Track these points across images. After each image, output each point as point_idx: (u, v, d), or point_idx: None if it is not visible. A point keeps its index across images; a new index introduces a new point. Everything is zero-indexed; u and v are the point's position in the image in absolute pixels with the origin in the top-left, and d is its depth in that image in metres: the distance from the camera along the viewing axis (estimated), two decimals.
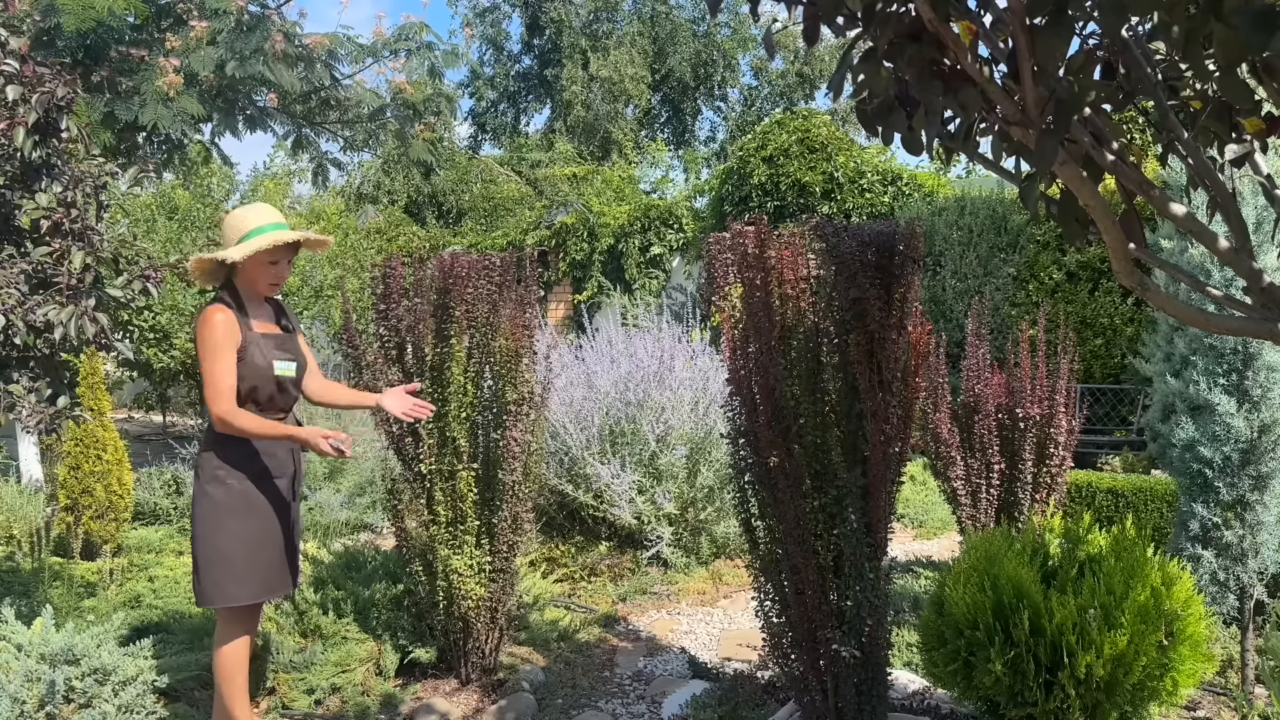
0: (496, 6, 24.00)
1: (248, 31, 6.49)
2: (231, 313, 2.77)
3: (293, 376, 2.89)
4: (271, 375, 2.81)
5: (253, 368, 2.77)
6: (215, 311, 2.75)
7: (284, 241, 2.79)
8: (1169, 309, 1.74)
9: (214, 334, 2.71)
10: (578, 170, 16.85)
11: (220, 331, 2.71)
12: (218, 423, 2.71)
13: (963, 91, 1.47)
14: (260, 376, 2.78)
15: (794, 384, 2.72)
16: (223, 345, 2.71)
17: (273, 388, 2.82)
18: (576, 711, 3.41)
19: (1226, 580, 3.81)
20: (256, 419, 2.73)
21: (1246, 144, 1.71)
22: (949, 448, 4.23)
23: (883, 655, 2.81)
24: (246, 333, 2.78)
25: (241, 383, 2.75)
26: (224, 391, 2.70)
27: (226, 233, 2.85)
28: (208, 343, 2.71)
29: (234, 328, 2.75)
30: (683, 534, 5.43)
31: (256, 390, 2.79)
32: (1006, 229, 9.34)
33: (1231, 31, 1.15)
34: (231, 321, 2.75)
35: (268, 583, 2.87)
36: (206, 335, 2.72)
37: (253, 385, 2.77)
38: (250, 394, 2.78)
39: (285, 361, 2.85)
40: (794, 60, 22.61)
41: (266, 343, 2.82)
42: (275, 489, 2.86)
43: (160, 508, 6.23)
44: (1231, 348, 3.83)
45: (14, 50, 3.31)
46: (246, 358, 2.76)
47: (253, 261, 2.79)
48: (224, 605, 2.82)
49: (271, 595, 2.96)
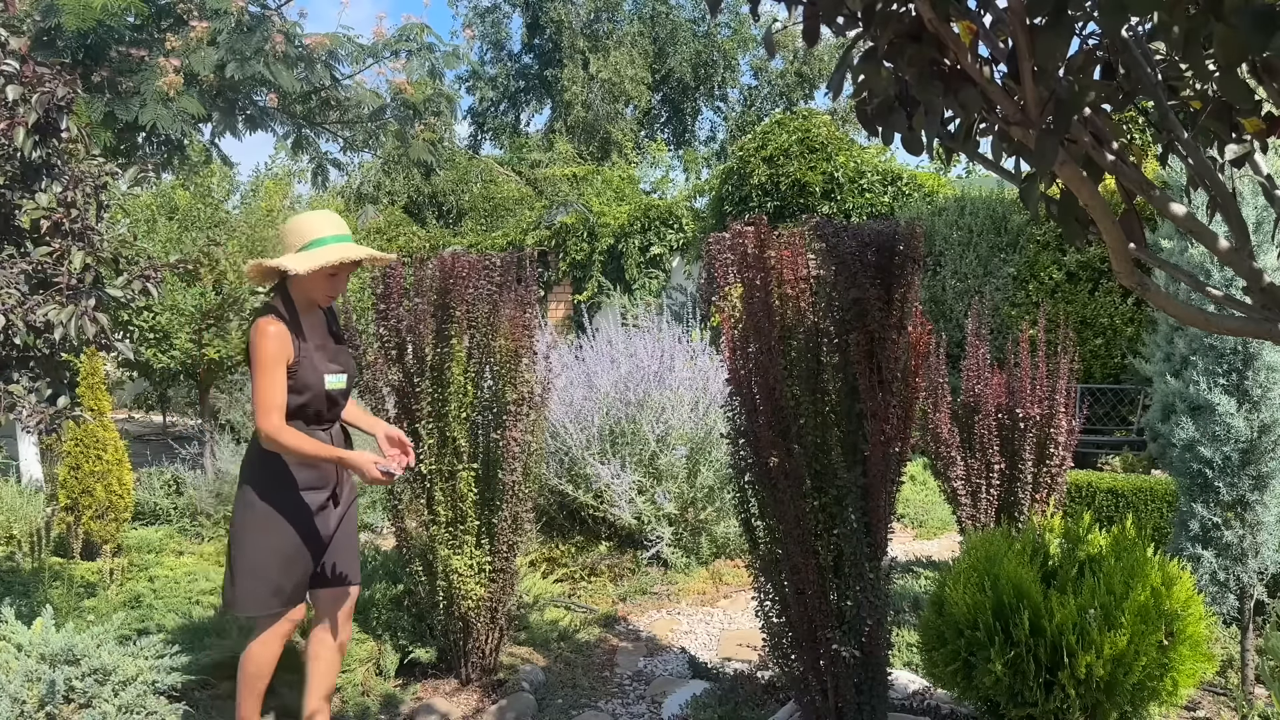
0: (497, 6, 24.01)
1: (248, 32, 6.49)
2: (284, 325, 2.69)
3: (343, 389, 2.84)
4: (323, 389, 2.75)
5: (305, 381, 2.71)
6: (269, 324, 2.67)
7: (350, 259, 2.73)
8: (1169, 309, 1.74)
9: (267, 348, 2.64)
10: (578, 170, 16.86)
11: (273, 345, 2.65)
12: (264, 439, 2.66)
13: (963, 91, 1.47)
14: (312, 390, 2.73)
15: (794, 384, 2.72)
16: (275, 360, 2.64)
17: (323, 402, 2.77)
18: (576, 711, 3.41)
19: (1226, 580, 3.81)
20: (304, 439, 2.67)
21: (1246, 144, 1.72)
22: (949, 448, 4.23)
23: (883, 655, 2.81)
24: (300, 344, 2.72)
25: (293, 396, 2.69)
26: (273, 407, 2.64)
27: (288, 238, 2.78)
28: (260, 357, 2.65)
29: (286, 341, 2.68)
30: (683, 534, 5.43)
31: (307, 404, 2.73)
32: (1006, 229, 9.34)
33: (1231, 31, 1.15)
34: (284, 334, 2.68)
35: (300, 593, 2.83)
36: (259, 349, 2.65)
37: (304, 399, 2.72)
38: (300, 408, 2.72)
39: (336, 374, 2.80)
40: (794, 60, 22.60)
41: (319, 355, 2.77)
42: (318, 500, 2.81)
43: (160, 508, 6.23)
44: (1231, 348, 3.83)
45: (14, 50, 3.31)
46: (299, 371, 2.70)
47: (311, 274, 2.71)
48: (255, 614, 2.79)
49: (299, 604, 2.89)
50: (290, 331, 2.70)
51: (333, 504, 2.87)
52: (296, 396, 2.70)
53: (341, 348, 2.90)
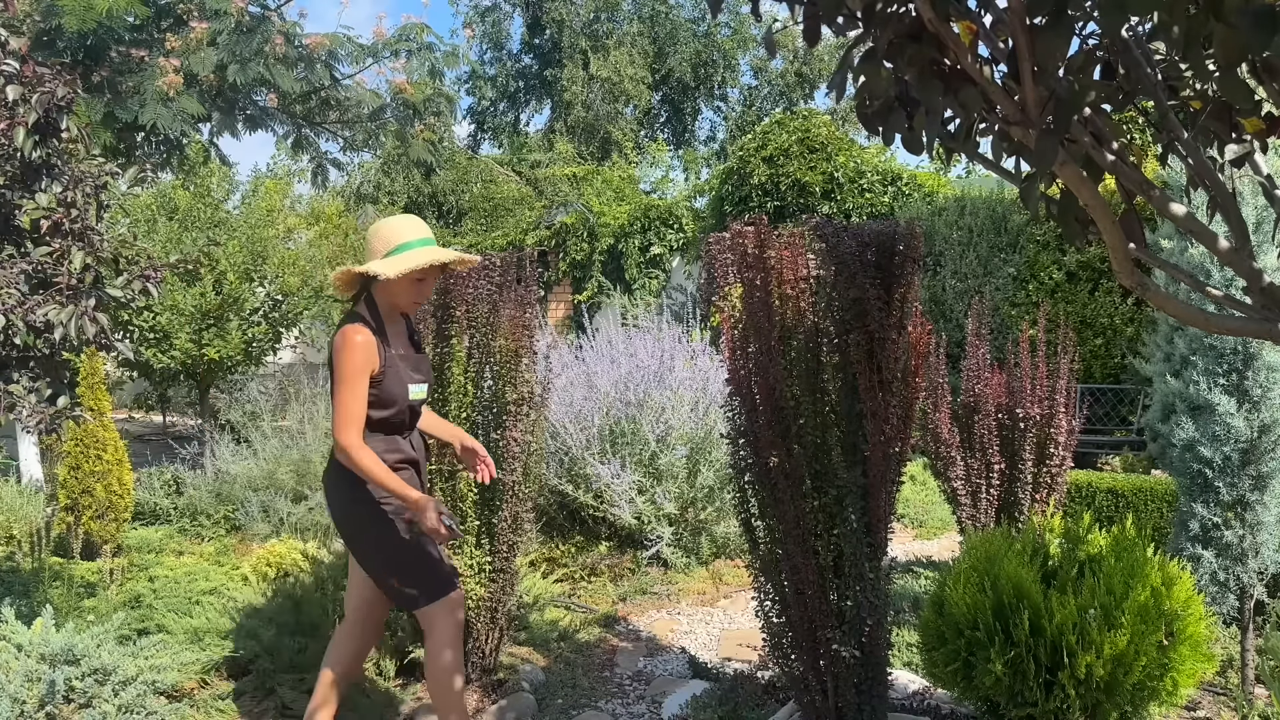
0: (497, 6, 23.99)
1: (248, 33, 6.49)
2: (371, 334, 2.62)
3: (424, 399, 2.80)
4: (408, 401, 2.70)
5: (391, 393, 2.64)
6: (355, 333, 2.59)
7: (440, 262, 2.67)
8: (1169, 309, 1.74)
9: (353, 359, 2.57)
10: (578, 170, 16.86)
11: (360, 356, 2.57)
12: (339, 451, 2.58)
13: (963, 91, 1.47)
14: (398, 403, 2.67)
15: (794, 384, 2.72)
16: (360, 371, 2.57)
17: (407, 413, 2.71)
18: (577, 711, 3.41)
19: (1226, 580, 3.81)
20: (379, 465, 2.57)
21: (1246, 144, 1.72)
22: (949, 448, 4.23)
23: (883, 655, 2.81)
24: (386, 353, 2.64)
25: (378, 409, 2.63)
26: (352, 420, 2.57)
27: (374, 243, 2.70)
28: (345, 368, 2.57)
29: (373, 350, 2.61)
30: (683, 534, 5.43)
31: (391, 417, 2.67)
32: (1006, 229, 9.34)
33: (1231, 31, 1.16)
34: (371, 344, 2.61)
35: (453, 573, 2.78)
36: (345, 359, 2.58)
37: (389, 412, 2.66)
38: (383, 420, 2.66)
39: (419, 384, 2.75)
40: (794, 60, 22.60)
41: (404, 365, 2.71)
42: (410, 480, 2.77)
43: (160, 508, 6.23)
44: (1231, 348, 3.83)
45: (14, 50, 3.31)
46: (385, 381, 2.63)
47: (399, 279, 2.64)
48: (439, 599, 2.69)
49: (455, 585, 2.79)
50: (377, 340, 2.63)
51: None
52: (382, 409, 2.64)
53: (422, 356, 2.84)
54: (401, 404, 2.68)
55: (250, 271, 8.54)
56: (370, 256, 2.70)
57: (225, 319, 8.20)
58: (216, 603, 4.03)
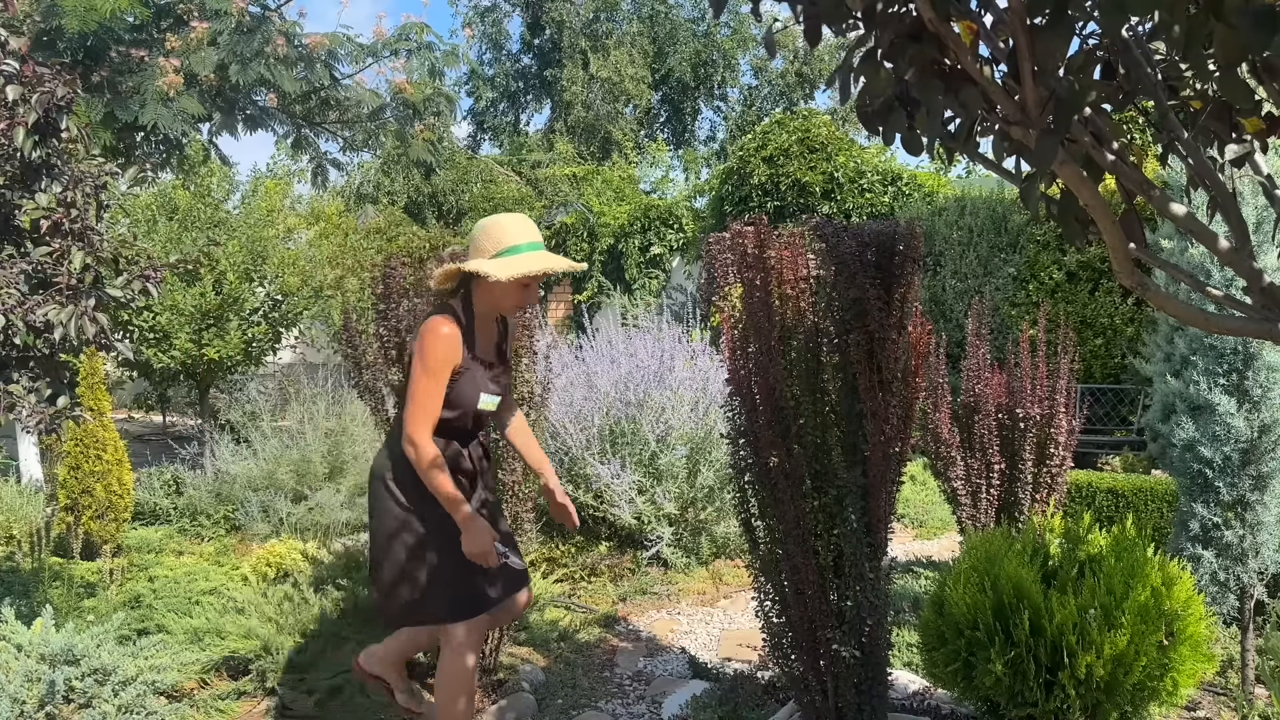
0: (497, 6, 23.98)
1: (248, 33, 6.49)
2: (458, 330, 2.54)
3: (493, 410, 2.72)
4: (476, 408, 2.63)
5: (460, 396, 2.58)
6: (443, 323, 2.52)
7: (555, 270, 2.57)
8: (1169, 309, 1.74)
9: (436, 350, 2.50)
10: (578, 170, 16.86)
11: (443, 349, 2.50)
12: (407, 442, 2.51)
13: (963, 91, 1.47)
14: (464, 407, 2.60)
15: (794, 384, 2.72)
16: (442, 364, 2.51)
17: (470, 419, 2.65)
18: (577, 711, 3.41)
19: (1227, 580, 3.81)
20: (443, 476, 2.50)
21: (1246, 144, 1.71)
22: (949, 448, 4.23)
23: (883, 655, 2.81)
24: (467, 355, 2.58)
25: (445, 409, 2.56)
26: (427, 415, 2.50)
27: (481, 241, 2.59)
28: (427, 357, 2.50)
29: (458, 347, 2.54)
30: (683, 534, 5.43)
31: (454, 420, 2.61)
32: (1006, 229, 9.34)
33: (1232, 31, 1.15)
34: (457, 339, 2.53)
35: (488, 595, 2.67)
36: (428, 348, 2.50)
37: (454, 414, 2.59)
38: (446, 422, 2.59)
39: (492, 395, 2.67)
40: (794, 60, 22.59)
41: (482, 371, 2.63)
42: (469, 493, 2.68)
43: (160, 508, 6.23)
44: (1232, 348, 3.83)
45: (14, 50, 3.31)
46: (459, 383, 2.56)
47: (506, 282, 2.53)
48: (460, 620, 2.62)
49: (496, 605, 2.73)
50: (463, 338, 2.56)
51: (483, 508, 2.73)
52: (448, 409, 2.56)
53: (504, 369, 2.76)
54: (469, 409, 2.61)
55: (250, 271, 8.54)
56: (476, 254, 2.59)
57: (225, 319, 8.20)
58: (216, 603, 4.03)
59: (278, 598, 3.99)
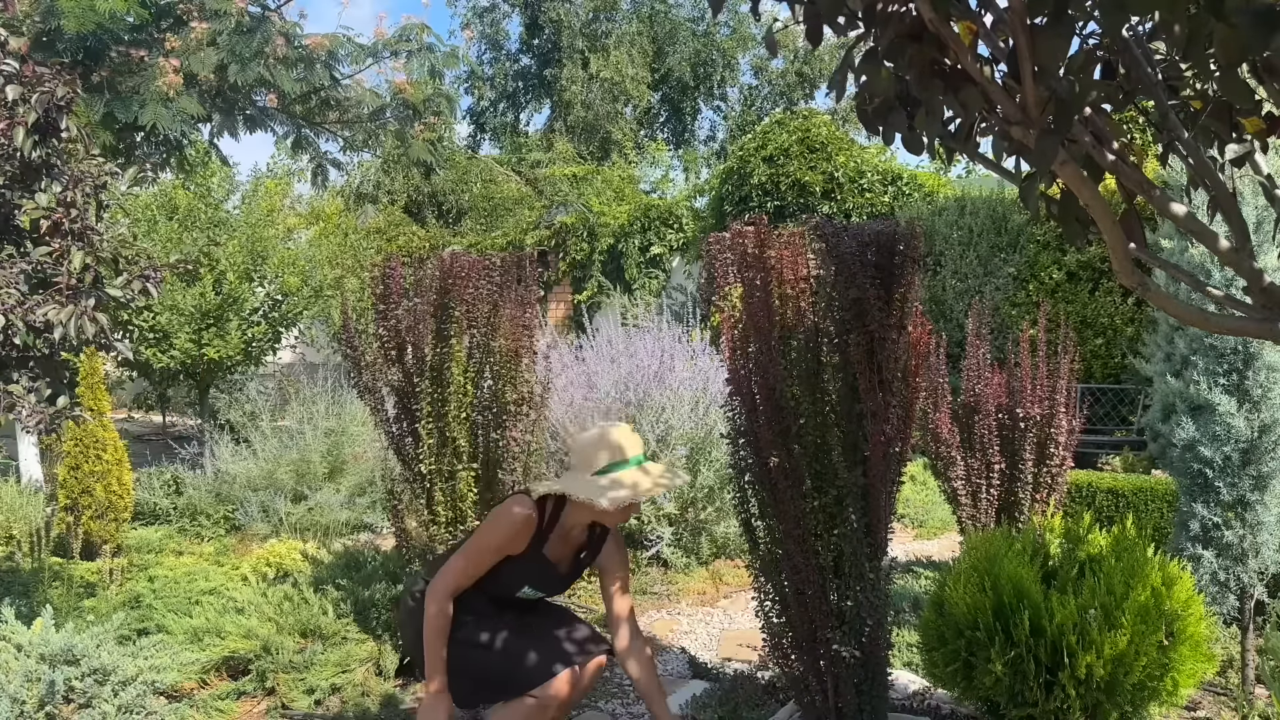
0: (495, 6, 23.98)
1: (248, 33, 6.49)
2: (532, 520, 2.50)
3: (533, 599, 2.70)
4: (513, 594, 2.64)
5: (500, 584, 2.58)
6: (523, 512, 2.50)
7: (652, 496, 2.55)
8: (1169, 309, 1.74)
9: (497, 532, 2.51)
10: (578, 170, 16.85)
11: (505, 535, 2.50)
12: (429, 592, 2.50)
13: (963, 91, 1.47)
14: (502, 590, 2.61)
15: (794, 384, 2.72)
16: (495, 549, 2.51)
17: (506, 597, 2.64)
18: (576, 711, 3.41)
19: (1227, 580, 3.81)
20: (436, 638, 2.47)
21: (1247, 144, 1.71)
22: (949, 448, 4.23)
23: (883, 655, 2.80)
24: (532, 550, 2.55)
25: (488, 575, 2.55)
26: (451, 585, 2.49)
27: (585, 452, 2.54)
28: (486, 535, 2.52)
29: (523, 540, 2.51)
30: (683, 534, 5.43)
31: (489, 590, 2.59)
32: (1007, 229, 9.34)
33: (1232, 31, 1.15)
34: (524, 532, 2.50)
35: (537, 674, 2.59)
36: (493, 529, 2.52)
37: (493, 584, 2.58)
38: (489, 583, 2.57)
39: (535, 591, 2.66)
40: (794, 60, 22.59)
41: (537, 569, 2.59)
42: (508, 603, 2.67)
43: (160, 508, 6.23)
44: (1232, 348, 3.83)
45: (14, 50, 3.31)
46: (506, 566, 2.55)
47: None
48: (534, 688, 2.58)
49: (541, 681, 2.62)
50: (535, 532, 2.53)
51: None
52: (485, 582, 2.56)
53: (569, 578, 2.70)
54: (507, 595, 2.63)
55: (250, 271, 8.54)
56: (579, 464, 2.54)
57: (225, 319, 8.21)
58: (216, 603, 4.03)
59: (278, 598, 3.99)
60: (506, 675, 2.60)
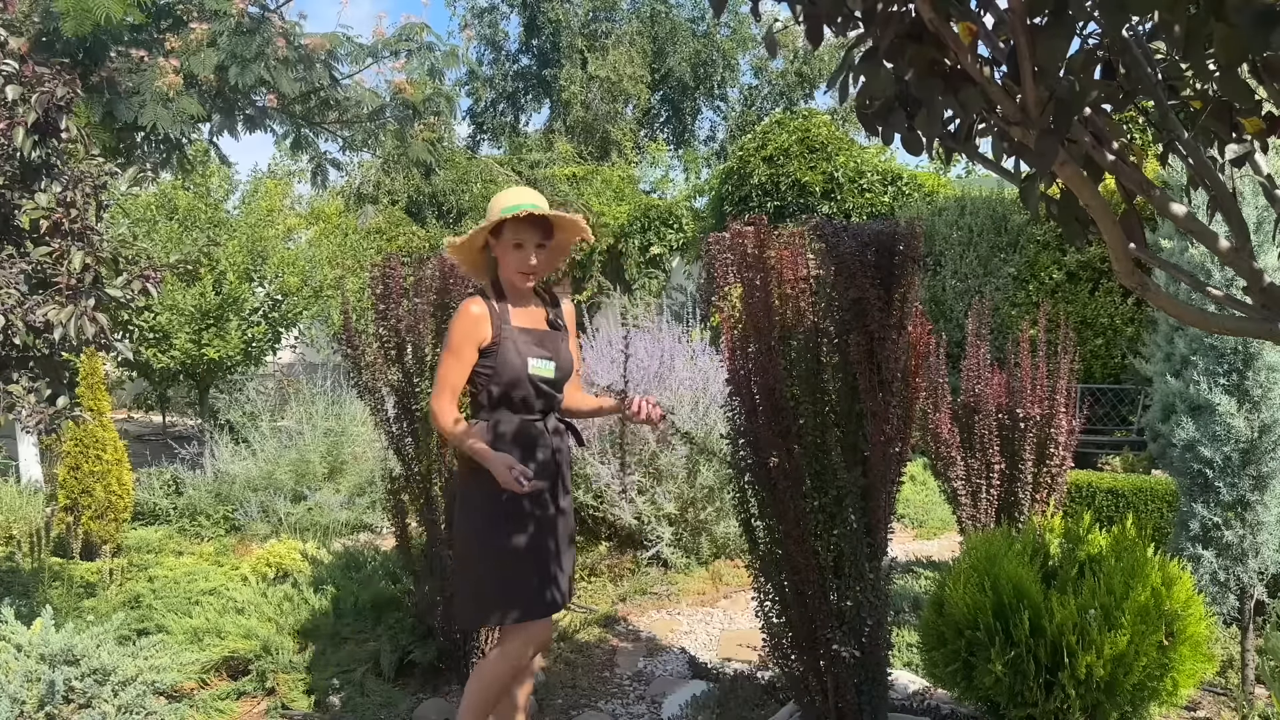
0: (494, 6, 23.97)
1: (248, 33, 6.49)
2: (486, 306, 2.60)
3: (551, 378, 2.65)
4: (526, 374, 2.59)
5: (506, 365, 2.58)
6: (470, 304, 2.61)
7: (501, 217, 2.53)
8: (1169, 309, 1.74)
9: (456, 327, 2.59)
10: (577, 170, 16.85)
11: (464, 325, 2.57)
12: (430, 415, 2.64)
13: (963, 91, 1.47)
14: (514, 373, 2.58)
15: (794, 384, 2.72)
16: (462, 340, 2.57)
17: (528, 389, 2.61)
18: (576, 712, 3.41)
19: (1227, 580, 3.81)
20: (457, 426, 2.56)
21: (1247, 144, 1.71)
22: (949, 448, 4.23)
23: (883, 655, 2.80)
24: (502, 326, 2.60)
25: (495, 380, 2.59)
26: (445, 387, 2.58)
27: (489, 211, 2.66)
28: (449, 336, 2.60)
29: (484, 323, 2.58)
30: (683, 534, 5.42)
31: (511, 392, 2.59)
32: (1006, 229, 9.34)
33: (1232, 31, 1.15)
34: (483, 317, 2.59)
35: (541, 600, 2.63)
36: (451, 327, 2.61)
37: (506, 385, 2.59)
38: (505, 396, 2.60)
39: (543, 359, 2.64)
40: (794, 60, 22.58)
41: (524, 338, 2.63)
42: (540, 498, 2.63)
43: (160, 508, 6.23)
44: (1232, 348, 3.83)
45: (13, 50, 3.31)
46: (499, 353, 2.59)
47: (501, 248, 2.60)
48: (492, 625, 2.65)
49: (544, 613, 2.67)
50: (493, 313, 2.60)
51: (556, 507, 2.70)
52: (498, 381, 2.59)
53: (553, 334, 2.72)
54: (519, 375, 2.59)
55: (250, 271, 8.54)
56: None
57: (225, 319, 8.21)
58: (216, 603, 4.03)
59: (277, 598, 3.99)
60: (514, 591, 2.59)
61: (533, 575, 2.61)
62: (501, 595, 2.59)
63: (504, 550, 2.60)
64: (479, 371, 2.62)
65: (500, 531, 2.60)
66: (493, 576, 2.60)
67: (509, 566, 2.59)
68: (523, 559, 2.61)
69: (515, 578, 2.60)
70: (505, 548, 2.60)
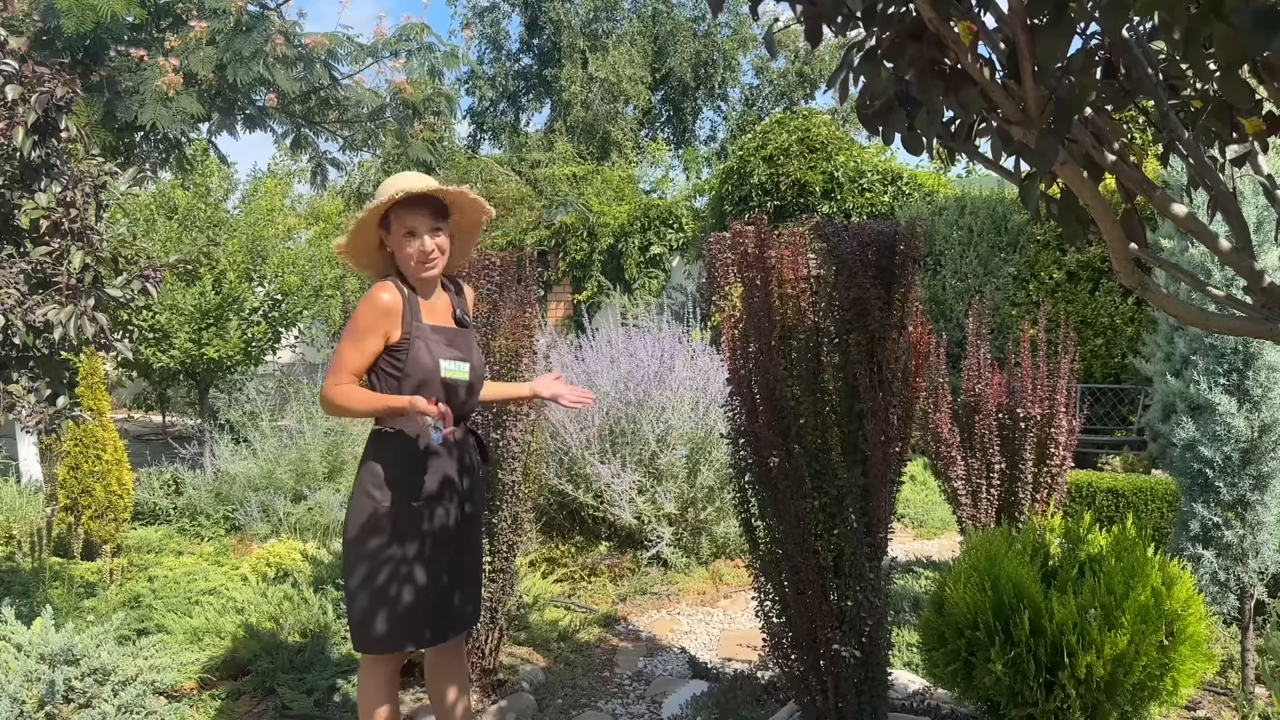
0: (495, 6, 23.97)
1: (247, 32, 6.49)
2: (399, 296, 2.40)
3: (466, 381, 2.50)
4: (439, 376, 2.43)
5: (417, 365, 2.40)
6: (381, 289, 2.39)
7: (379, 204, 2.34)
8: (1169, 308, 1.74)
9: (363, 315, 2.37)
10: (578, 170, 16.85)
11: (372, 315, 2.37)
12: (322, 401, 2.39)
13: (963, 91, 1.47)
14: (424, 373, 2.41)
15: (794, 384, 2.72)
16: (366, 328, 2.37)
17: (439, 391, 2.43)
18: (576, 711, 3.41)
19: (1227, 580, 3.81)
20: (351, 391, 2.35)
21: (1247, 144, 1.71)
22: (949, 448, 4.23)
23: (883, 655, 2.80)
24: (413, 324, 2.42)
25: (406, 381, 2.39)
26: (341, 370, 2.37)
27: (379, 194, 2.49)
28: (353, 321, 2.39)
29: (394, 315, 2.39)
30: (683, 534, 5.42)
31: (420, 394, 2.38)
32: (1007, 229, 9.34)
33: (1232, 31, 1.15)
34: (391, 311, 2.39)
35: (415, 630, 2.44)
36: (356, 311, 2.39)
37: (415, 387, 2.40)
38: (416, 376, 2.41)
39: (455, 362, 2.47)
40: (794, 59, 22.58)
41: (435, 337, 2.45)
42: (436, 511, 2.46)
43: (160, 508, 6.23)
44: (1232, 347, 3.83)
45: (13, 50, 3.31)
46: (410, 351, 2.40)
47: (394, 241, 2.40)
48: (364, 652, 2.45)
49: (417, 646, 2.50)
50: (405, 307, 2.41)
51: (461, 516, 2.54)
52: (409, 380, 2.39)
53: (464, 332, 2.57)
54: (430, 377, 2.41)
55: (250, 271, 8.55)
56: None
57: (225, 319, 8.21)
58: (216, 602, 4.03)
59: (277, 598, 3.99)
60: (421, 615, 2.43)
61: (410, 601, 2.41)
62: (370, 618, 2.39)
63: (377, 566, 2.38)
64: (384, 370, 2.42)
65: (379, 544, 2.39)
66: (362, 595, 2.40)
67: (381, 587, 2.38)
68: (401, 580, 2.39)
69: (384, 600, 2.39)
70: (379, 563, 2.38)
